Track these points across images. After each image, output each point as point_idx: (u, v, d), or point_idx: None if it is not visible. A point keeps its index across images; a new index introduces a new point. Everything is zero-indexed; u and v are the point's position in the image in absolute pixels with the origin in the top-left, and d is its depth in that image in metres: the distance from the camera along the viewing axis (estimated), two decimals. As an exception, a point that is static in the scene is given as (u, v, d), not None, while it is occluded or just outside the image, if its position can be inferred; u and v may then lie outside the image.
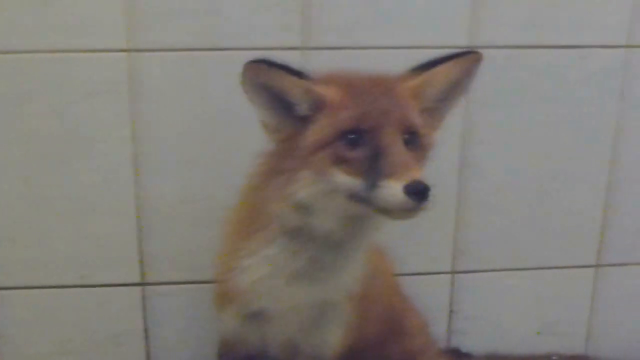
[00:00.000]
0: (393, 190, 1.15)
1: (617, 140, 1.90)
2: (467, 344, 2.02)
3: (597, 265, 2.01)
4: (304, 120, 1.28)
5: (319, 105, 1.26)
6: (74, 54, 1.68)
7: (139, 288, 1.90)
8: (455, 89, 1.34)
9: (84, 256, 1.85)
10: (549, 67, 1.81)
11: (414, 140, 1.26)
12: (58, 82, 1.69)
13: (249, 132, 1.38)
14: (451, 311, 1.98)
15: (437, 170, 1.68)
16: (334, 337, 1.45)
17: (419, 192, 1.14)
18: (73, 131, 1.73)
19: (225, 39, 1.70)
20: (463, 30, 1.75)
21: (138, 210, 1.79)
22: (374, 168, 1.20)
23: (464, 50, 1.32)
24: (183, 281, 1.87)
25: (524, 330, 2.04)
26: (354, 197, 1.22)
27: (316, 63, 1.67)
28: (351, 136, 1.23)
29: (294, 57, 1.69)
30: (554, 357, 2.02)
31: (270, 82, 1.25)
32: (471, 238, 1.92)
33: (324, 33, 1.71)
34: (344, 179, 1.23)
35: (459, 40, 1.75)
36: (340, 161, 1.23)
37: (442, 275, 1.95)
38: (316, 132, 1.26)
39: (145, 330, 1.93)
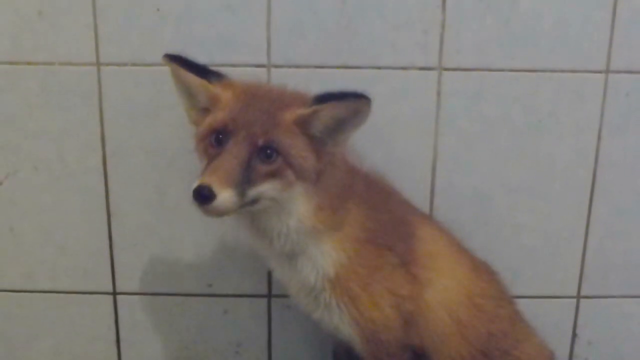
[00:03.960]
0: (192, 187, 1.34)
1: None
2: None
3: None
4: (206, 112, 1.49)
5: (214, 102, 1.48)
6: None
7: (264, 299, 2.00)
8: (341, 126, 1.45)
9: (211, 265, 1.95)
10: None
11: (272, 155, 1.41)
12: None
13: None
14: (574, 335, 2.01)
15: (564, 194, 1.81)
16: (340, 322, 1.57)
17: (197, 196, 1.33)
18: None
19: (358, 58, 1.78)
20: (600, 54, 1.79)
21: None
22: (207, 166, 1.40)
23: (356, 93, 1.41)
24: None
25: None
26: None
27: (449, 83, 1.79)
28: (218, 135, 1.42)
29: (430, 76, 1.79)
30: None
31: (179, 75, 1.51)
32: (598, 263, 1.95)
33: (456, 54, 1.79)
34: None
35: (595, 64, 1.79)
36: (207, 154, 1.45)
37: (567, 299, 1.99)
38: (203, 125, 1.46)
39: (269, 340, 2.03)
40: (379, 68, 1.79)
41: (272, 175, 1.42)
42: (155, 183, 1.89)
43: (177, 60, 1.51)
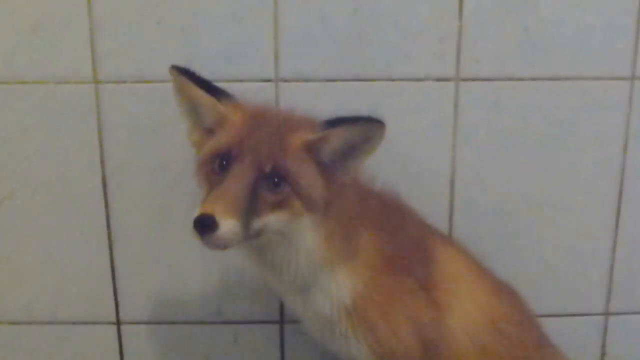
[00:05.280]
0: (193, 216, 1.26)
1: None
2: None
3: None
4: (210, 133, 1.43)
5: (221, 123, 1.41)
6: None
7: (276, 325, 1.96)
8: (352, 152, 1.38)
9: (219, 290, 1.91)
10: None
11: (280, 184, 1.34)
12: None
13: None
14: (603, 354, 1.97)
15: (589, 207, 1.77)
16: (358, 352, 1.51)
17: (198, 225, 1.25)
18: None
19: (371, 69, 1.74)
20: (625, 60, 1.75)
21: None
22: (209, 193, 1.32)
23: (369, 117, 1.34)
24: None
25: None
26: None
27: (467, 94, 1.75)
28: (222, 161, 1.35)
29: (447, 87, 1.75)
30: None
31: (186, 90, 1.43)
32: (626, 278, 1.90)
33: (474, 63, 1.75)
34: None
35: (621, 71, 1.75)
36: (208, 181, 1.37)
37: (594, 316, 1.94)
38: (206, 149, 1.40)
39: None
40: (393, 80, 1.75)
41: (279, 205, 1.34)
42: (158, 205, 1.84)
43: (186, 74, 1.44)
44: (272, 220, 1.35)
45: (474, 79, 1.75)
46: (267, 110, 1.46)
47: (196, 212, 1.27)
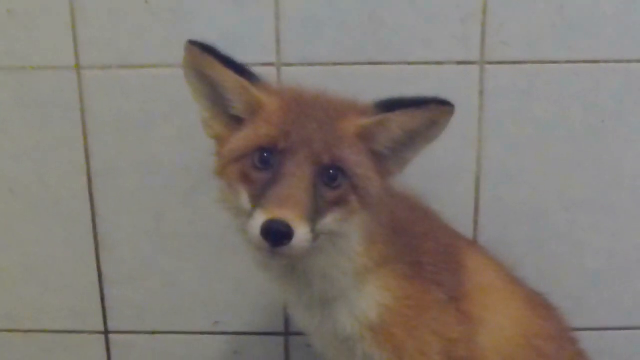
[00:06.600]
0: (255, 222, 1.13)
1: None
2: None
3: None
4: (237, 123, 1.27)
5: (254, 111, 1.26)
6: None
7: (281, 338, 1.88)
8: (415, 138, 1.27)
9: (218, 299, 1.83)
10: None
11: (337, 177, 1.21)
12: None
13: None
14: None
15: (633, 207, 1.71)
16: None
17: (271, 233, 1.11)
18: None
19: (386, 52, 1.63)
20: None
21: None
22: (263, 194, 1.17)
23: (435, 98, 1.23)
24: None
25: None
26: (240, 220, 1.21)
27: (494, 80, 1.65)
28: (263, 154, 1.21)
29: (471, 72, 1.65)
30: None
31: (209, 71, 1.25)
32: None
33: (501, 45, 1.64)
34: (243, 199, 1.21)
35: None
36: (246, 179, 1.22)
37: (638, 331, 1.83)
38: (238, 140, 1.25)
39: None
40: (410, 64, 1.64)
41: (337, 203, 1.22)
42: (150, 207, 1.76)
43: (210, 52, 1.25)
44: (331, 220, 1.22)
45: (501, 63, 1.64)
46: (305, 94, 1.31)
47: (261, 218, 1.13)
